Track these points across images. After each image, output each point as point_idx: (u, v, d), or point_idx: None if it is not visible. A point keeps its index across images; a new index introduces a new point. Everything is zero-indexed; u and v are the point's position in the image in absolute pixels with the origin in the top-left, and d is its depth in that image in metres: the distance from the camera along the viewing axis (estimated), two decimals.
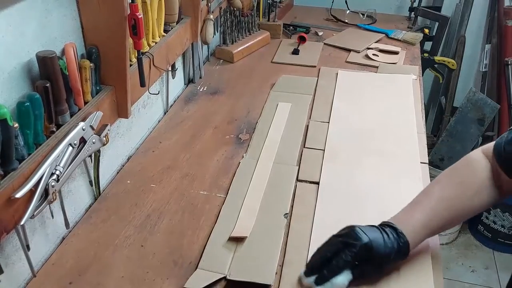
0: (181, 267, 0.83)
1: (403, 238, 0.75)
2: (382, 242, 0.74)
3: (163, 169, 1.08)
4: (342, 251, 0.73)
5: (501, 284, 2.04)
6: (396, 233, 0.75)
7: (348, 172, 1.05)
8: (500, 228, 2.13)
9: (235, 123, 1.27)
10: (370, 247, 0.72)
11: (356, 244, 0.73)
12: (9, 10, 0.70)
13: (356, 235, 0.74)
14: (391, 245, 0.74)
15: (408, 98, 1.35)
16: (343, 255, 0.73)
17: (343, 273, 0.73)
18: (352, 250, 0.73)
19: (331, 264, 0.73)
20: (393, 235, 0.75)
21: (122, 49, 0.88)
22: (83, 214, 0.96)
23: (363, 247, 0.72)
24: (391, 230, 0.76)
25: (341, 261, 0.73)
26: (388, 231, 0.76)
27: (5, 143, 0.65)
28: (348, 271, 0.73)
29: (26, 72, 0.75)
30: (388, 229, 0.76)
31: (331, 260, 0.74)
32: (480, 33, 2.31)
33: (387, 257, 0.74)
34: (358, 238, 0.73)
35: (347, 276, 0.73)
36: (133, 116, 1.13)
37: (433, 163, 2.18)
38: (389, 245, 0.74)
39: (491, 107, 2.06)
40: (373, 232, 0.75)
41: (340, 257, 0.73)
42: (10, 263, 0.78)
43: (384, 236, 0.74)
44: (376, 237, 0.74)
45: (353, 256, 0.72)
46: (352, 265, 0.73)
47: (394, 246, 0.74)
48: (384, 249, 0.73)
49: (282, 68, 1.57)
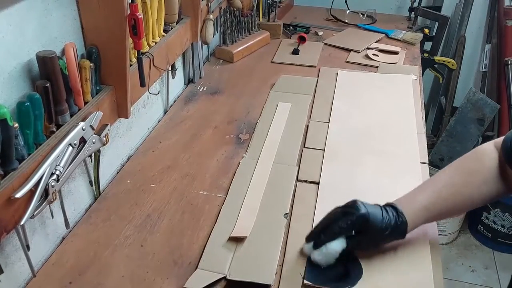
0: (181, 267, 0.83)
1: (401, 217, 0.78)
2: (380, 217, 0.77)
3: (163, 169, 1.08)
4: (339, 219, 0.78)
5: (501, 284, 2.04)
6: (396, 211, 0.79)
7: (348, 172, 1.05)
8: (500, 228, 2.14)
9: (235, 123, 1.27)
10: (366, 218, 0.76)
11: (354, 213, 0.77)
12: (9, 10, 0.70)
13: (355, 206, 0.78)
14: (388, 221, 0.77)
15: (408, 98, 1.35)
16: (340, 222, 0.77)
17: (338, 240, 0.77)
18: (349, 218, 0.77)
19: (328, 230, 0.78)
20: (392, 213, 0.78)
21: (122, 49, 0.88)
22: (83, 214, 0.96)
23: (360, 217, 0.76)
24: (392, 209, 0.79)
25: (337, 228, 0.77)
26: (389, 209, 0.79)
27: (5, 143, 0.65)
28: (343, 239, 0.78)
29: (26, 72, 0.75)
30: (389, 208, 0.80)
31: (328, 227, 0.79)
32: (480, 33, 2.31)
33: (382, 231, 0.77)
34: (357, 208, 0.77)
35: (342, 243, 0.77)
36: (133, 116, 1.13)
37: (433, 163, 2.19)
38: (386, 220, 0.77)
39: (491, 107, 2.06)
40: (373, 207, 0.79)
41: (336, 224, 0.78)
42: (10, 263, 0.78)
43: (383, 212, 0.78)
44: (375, 212, 0.78)
45: (349, 224, 0.77)
46: (349, 234, 0.78)
47: (391, 223, 0.77)
48: (381, 223, 0.77)
49: (282, 68, 1.57)
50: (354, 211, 0.77)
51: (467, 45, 2.21)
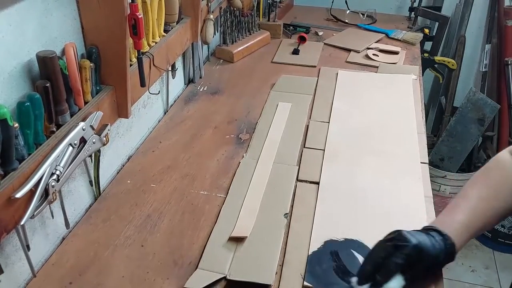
0: (181, 267, 0.83)
1: (449, 240, 0.74)
2: (430, 244, 0.72)
3: (163, 169, 1.08)
4: (392, 254, 0.71)
5: (501, 284, 2.04)
6: (441, 235, 0.74)
7: (348, 172, 1.05)
8: (500, 228, 2.13)
9: (235, 123, 1.27)
10: (420, 248, 0.70)
11: (407, 245, 0.70)
12: (9, 10, 0.70)
13: (404, 238, 0.71)
14: (439, 247, 0.73)
15: (408, 98, 1.35)
16: (395, 258, 0.70)
17: (395, 278, 0.70)
18: (403, 252, 0.70)
19: (383, 269, 0.70)
20: (439, 237, 0.74)
21: (122, 49, 0.88)
22: (83, 214, 0.96)
23: (413, 248, 0.70)
24: (436, 233, 0.75)
25: (393, 265, 0.70)
26: (433, 233, 0.74)
27: (5, 143, 0.65)
28: (399, 276, 0.70)
29: (26, 72, 0.75)
30: (433, 232, 0.75)
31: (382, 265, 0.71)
32: (480, 33, 2.31)
33: (436, 259, 0.73)
34: (408, 240, 0.71)
35: (399, 281, 0.70)
36: (133, 116, 1.13)
37: (433, 163, 2.18)
38: (437, 246, 0.72)
39: (491, 107, 2.06)
40: (419, 235, 0.73)
41: (391, 261, 0.70)
42: (10, 263, 0.78)
43: (431, 239, 0.73)
44: (424, 239, 0.72)
45: (405, 259, 0.70)
46: (404, 269, 0.70)
47: (442, 248, 0.73)
48: (433, 250, 0.72)
49: (282, 68, 1.57)
50: (405, 244, 0.70)
51: (467, 45, 2.21)
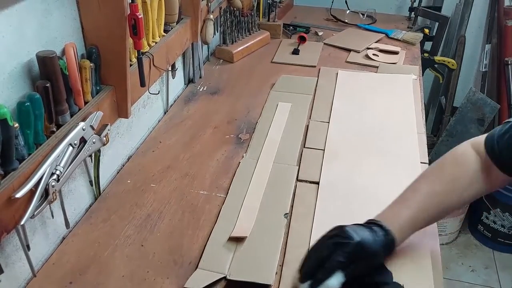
0: (181, 267, 0.83)
1: (390, 235, 0.75)
2: (372, 240, 0.73)
3: (163, 169, 1.08)
4: (334, 252, 0.71)
5: (501, 284, 2.04)
6: (383, 230, 0.75)
7: (348, 172, 1.05)
8: (500, 228, 2.13)
9: (235, 123, 1.27)
10: (362, 245, 0.71)
11: (349, 243, 0.71)
12: (9, 10, 0.70)
13: (347, 235, 0.72)
14: (380, 243, 0.74)
15: (408, 98, 1.35)
16: (336, 256, 0.71)
17: (336, 275, 0.71)
18: (345, 250, 0.71)
19: (325, 267, 0.71)
20: (381, 232, 0.75)
21: (122, 49, 0.88)
22: (83, 214, 0.96)
23: (355, 246, 0.71)
24: (378, 227, 0.76)
25: (335, 262, 0.71)
26: (376, 228, 0.76)
27: (5, 143, 0.65)
28: (339, 272, 0.71)
29: (26, 72, 0.75)
30: (376, 227, 0.76)
31: (324, 262, 0.71)
32: (480, 33, 2.31)
33: (377, 255, 0.74)
34: (350, 237, 0.72)
35: (340, 277, 0.71)
36: (133, 116, 1.13)
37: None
38: (379, 242, 0.74)
39: (491, 107, 2.06)
40: (362, 231, 0.74)
41: (333, 259, 0.71)
42: (10, 263, 0.78)
43: (373, 234, 0.74)
44: (366, 235, 0.73)
45: (346, 256, 0.71)
46: (345, 265, 0.71)
47: (382, 244, 0.74)
48: (375, 246, 0.73)
49: (282, 68, 1.57)
50: (347, 241, 0.71)
51: (467, 45, 2.22)
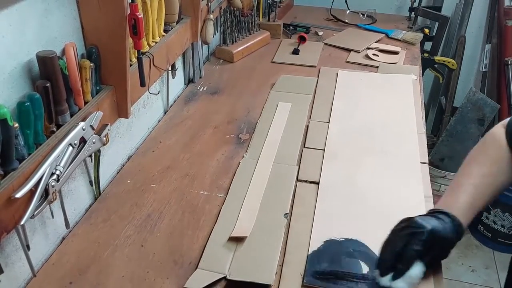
0: (181, 267, 0.83)
1: (456, 220, 0.76)
2: (442, 227, 0.75)
3: (163, 169, 1.08)
4: (410, 242, 0.73)
5: (501, 284, 2.04)
6: (449, 217, 0.77)
7: (348, 172, 1.05)
8: (500, 228, 2.13)
9: (235, 123, 1.27)
10: (434, 232, 0.73)
11: (423, 232, 0.73)
12: (9, 10, 0.70)
13: (418, 224, 0.74)
14: (450, 229, 0.75)
15: (408, 98, 1.35)
16: (413, 246, 0.73)
17: (417, 265, 0.73)
18: (420, 238, 0.73)
19: (404, 257, 0.73)
20: (447, 219, 0.76)
21: (122, 49, 0.88)
22: (83, 214, 0.96)
23: (429, 233, 0.73)
24: (444, 215, 0.77)
25: (413, 252, 0.73)
26: (442, 216, 0.77)
27: (5, 143, 0.65)
28: (420, 262, 0.73)
29: (26, 72, 0.75)
30: (441, 215, 0.77)
31: (401, 254, 0.74)
32: (480, 33, 2.31)
33: (449, 240, 0.75)
34: (422, 226, 0.74)
35: (421, 266, 0.73)
36: (133, 116, 1.13)
37: (433, 163, 2.18)
38: (448, 228, 0.75)
39: (491, 107, 2.06)
40: (430, 219, 0.76)
41: (410, 249, 0.73)
42: (10, 263, 0.78)
43: (441, 221, 0.76)
44: (435, 223, 0.75)
45: (423, 245, 0.73)
46: (422, 254, 0.73)
47: (452, 229, 0.76)
48: (445, 232, 0.75)
49: (282, 68, 1.57)
50: (420, 230, 0.74)
51: (467, 45, 2.22)
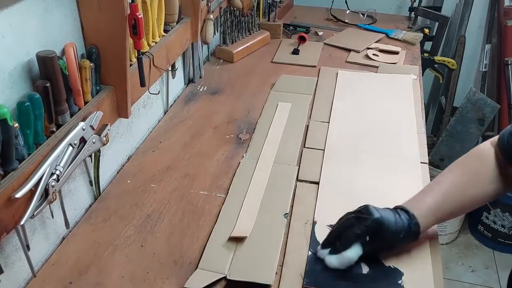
0: (181, 267, 0.83)
1: (414, 220, 0.78)
2: (393, 220, 0.77)
3: (163, 169, 1.08)
4: (353, 225, 0.78)
5: (501, 284, 2.04)
6: (408, 214, 0.79)
7: (348, 172, 1.05)
8: (500, 228, 2.14)
9: (235, 123, 1.27)
10: (380, 222, 0.76)
11: (368, 218, 0.77)
12: (9, 10, 0.70)
13: (368, 211, 0.78)
14: (402, 224, 0.78)
15: (408, 98, 1.35)
16: (355, 229, 0.77)
17: (354, 247, 0.77)
18: (363, 223, 0.77)
19: (343, 237, 0.78)
20: (405, 216, 0.79)
21: (122, 49, 0.88)
22: (83, 214, 0.96)
23: (374, 221, 0.76)
24: (403, 211, 0.80)
25: (352, 234, 0.77)
26: (400, 212, 0.80)
27: (5, 143, 0.65)
28: (359, 246, 0.77)
29: (26, 72, 0.75)
30: (400, 211, 0.80)
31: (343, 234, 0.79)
32: (480, 33, 2.31)
33: (397, 235, 0.77)
34: (370, 213, 0.77)
35: (357, 250, 0.77)
36: (133, 116, 1.13)
37: (433, 163, 2.18)
38: (400, 224, 0.77)
39: (491, 107, 2.06)
40: (385, 211, 0.79)
41: (351, 231, 0.77)
42: (10, 263, 0.78)
43: (396, 216, 0.78)
44: (388, 215, 0.78)
45: (364, 230, 0.76)
46: (363, 240, 0.77)
47: (404, 226, 0.78)
48: (395, 226, 0.77)
49: (282, 68, 1.57)
50: (367, 216, 0.77)
51: (467, 45, 2.21)
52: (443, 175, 0.86)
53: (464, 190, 0.82)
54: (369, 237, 0.77)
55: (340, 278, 0.78)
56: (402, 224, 0.77)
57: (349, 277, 0.79)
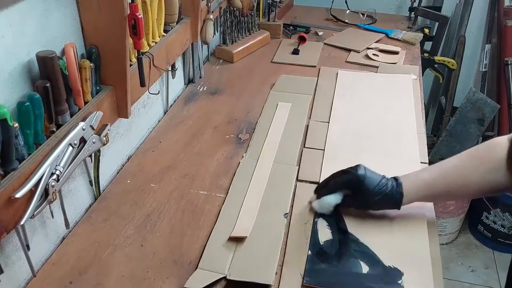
0: (181, 267, 0.83)
1: (399, 189, 0.83)
2: (376, 182, 0.84)
3: (163, 169, 1.08)
4: (339, 176, 0.88)
5: (501, 284, 2.04)
6: (396, 182, 0.84)
7: None
8: (500, 228, 2.14)
9: (235, 123, 1.27)
10: (362, 179, 0.84)
11: (351, 172, 0.86)
12: (9, 10, 0.70)
13: (355, 168, 0.86)
14: (383, 188, 0.83)
15: (408, 98, 1.35)
16: (337, 179, 0.88)
17: (335, 194, 0.88)
18: (347, 176, 0.86)
19: (328, 184, 0.89)
20: (392, 183, 0.84)
21: (122, 49, 0.88)
22: (83, 214, 0.96)
23: (355, 176, 0.84)
24: (393, 179, 0.85)
25: (334, 182, 0.88)
26: (390, 179, 0.85)
27: (5, 143, 0.65)
28: (339, 195, 0.88)
29: (26, 72, 0.75)
30: (391, 178, 0.85)
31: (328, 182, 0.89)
32: (480, 33, 2.31)
33: (374, 195, 0.83)
34: (356, 170, 0.85)
35: (337, 198, 0.88)
36: (133, 116, 1.13)
37: (433, 163, 2.18)
38: (382, 187, 0.83)
39: (491, 107, 2.06)
40: (373, 173, 0.86)
41: (334, 180, 0.88)
42: (10, 263, 0.78)
43: (382, 180, 0.84)
44: (372, 176, 0.85)
45: (345, 181, 0.86)
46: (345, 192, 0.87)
47: (386, 190, 0.83)
48: (374, 188, 0.83)
49: (282, 68, 1.57)
50: (352, 171, 0.85)
51: (467, 45, 2.22)
52: (450, 158, 0.87)
53: (464, 172, 0.83)
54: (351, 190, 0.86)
55: (340, 278, 0.79)
56: (384, 188, 0.83)
57: (349, 276, 0.79)
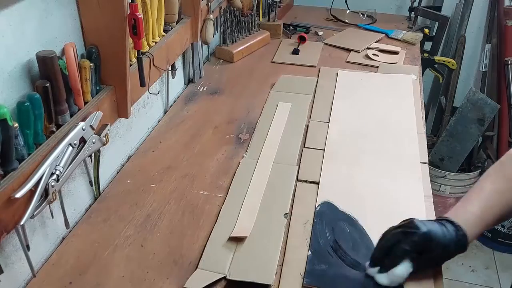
0: (181, 267, 0.83)
1: (461, 231, 0.75)
2: (441, 233, 0.74)
3: (163, 169, 1.08)
4: (401, 241, 0.74)
5: (501, 284, 2.04)
6: (454, 226, 0.76)
7: (348, 172, 1.05)
8: (500, 228, 2.13)
9: (235, 123, 1.27)
10: (429, 236, 0.73)
11: (416, 233, 0.73)
12: (9, 10, 0.70)
13: (415, 225, 0.74)
14: (450, 237, 0.74)
15: (408, 98, 1.35)
16: (403, 244, 0.74)
17: (403, 264, 0.74)
18: (411, 239, 0.73)
19: (392, 254, 0.75)
20: (451, 227, 0.75)
21: (122, 49, 0.88)
22: (83, 214, 0.96)
23: (422, 236, 0.73)
24: (448, 223, 0.76)
25: (401, 250, 0.74)
26: (446, 223, 0.76)
27: (5, 143, 0.65)
28: (408, 262, 0.74)
29: (26, 72, 0.75)
30: (446, 222, 0.76)
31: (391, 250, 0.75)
32: (480, 33, 2.31)
33: (446, 248, 0.74)
34: (417, 227, 0.74)
35: (407, 267, 0.74)
36: (133, 116, 1.13)
37: (433, 163, 2.18)
38: (448, 236, 0.74)
39: (491, 107, 2.06)
40: (431, 224, 0.76)
41: (399, 247, 0.74)
42: (10, 263, 0.78)
43: (443, 228, 0.75)
44: (435, 228, 0.75)
45: (412, 246, 0.73)
46: (412, 256, 0.74)
47: (452, 238, 0.74)
48: (444, 239, 0.74)
49: (282, 68, 1.57)
50: (415, 231, 0.74)
51: (467, 45, 2.21)
52: (481, 181, 0.83)
53: (505, 197, 0.79)
54: (418, 252, 0.74)
55: (340, 278, 0.78)
56: (450, 236, 0.74)
57: (349, 277, 0.79)
